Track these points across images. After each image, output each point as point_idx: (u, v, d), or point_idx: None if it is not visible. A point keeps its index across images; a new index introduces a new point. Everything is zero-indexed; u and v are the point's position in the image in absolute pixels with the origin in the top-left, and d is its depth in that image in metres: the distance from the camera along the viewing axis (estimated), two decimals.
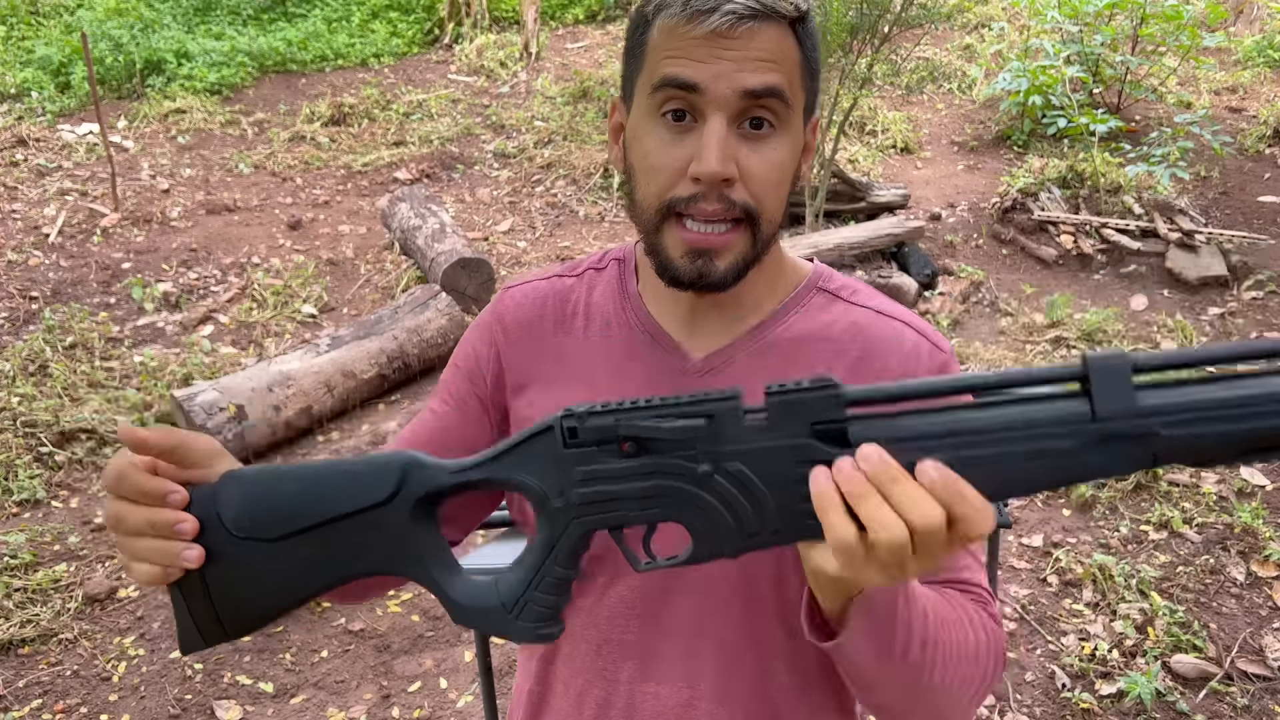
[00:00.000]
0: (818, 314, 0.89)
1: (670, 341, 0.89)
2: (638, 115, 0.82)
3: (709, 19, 0.75)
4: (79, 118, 7.12)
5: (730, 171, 0.77)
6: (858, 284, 0.93)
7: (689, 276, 0.81)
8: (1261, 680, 2.52)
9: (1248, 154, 6.21)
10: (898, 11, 4.98)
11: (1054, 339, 4.35)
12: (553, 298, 0.95)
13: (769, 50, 0.76)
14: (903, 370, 0.86)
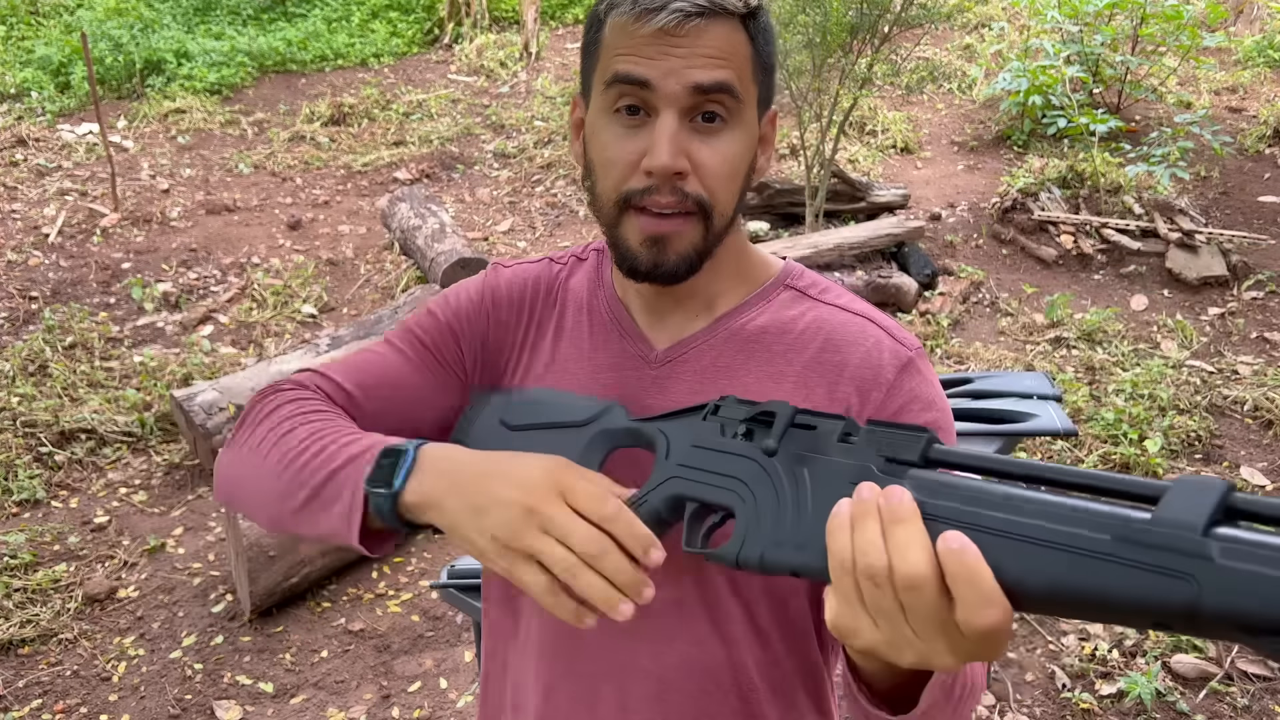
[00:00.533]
0: (782, 310, 0.90)
1: (635, 331, 0.92)
2: (594, 111, 0.84)
3: (656, 16, 0.77)
4: (79, 118, 7.12)
5: (681, 165, 0.79)
6: (829, 283, 0.94)
7: (645, 265, 0.82)
8: (1261, 680, 2.52)
9: (1248, 154, 6.21)
10: (898, 11, 4.97)
11: (1054, 339, 4.35)
12: (540, 282, 0.98)
13: (718, 47, 0.78)
14: (863, 365, 0.85)
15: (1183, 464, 3.42)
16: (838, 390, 0.85)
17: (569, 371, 0.92)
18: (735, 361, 0.88)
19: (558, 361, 0.93)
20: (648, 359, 0.90)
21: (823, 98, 5.11)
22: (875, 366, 0.85)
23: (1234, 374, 4.03)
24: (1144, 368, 3.99)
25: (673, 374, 0.89)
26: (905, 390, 0.85)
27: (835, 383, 0.85)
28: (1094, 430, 3.53)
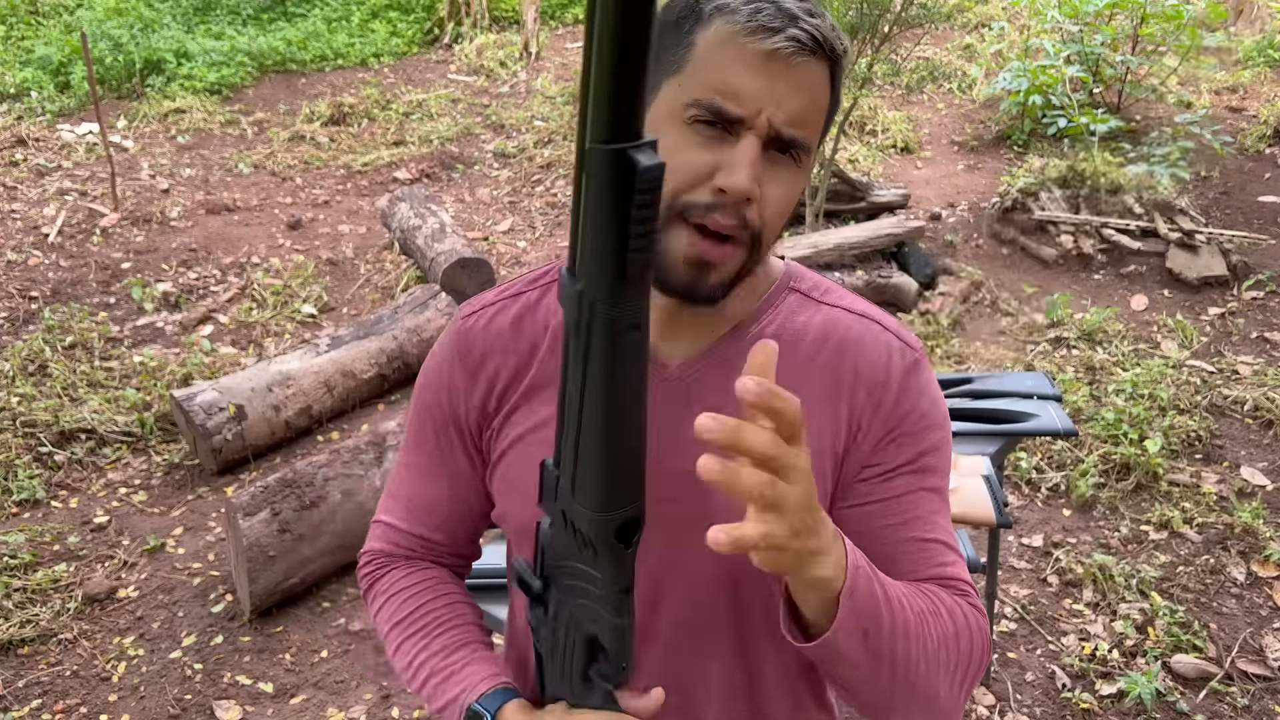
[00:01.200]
0: (791, 316, 0.90)
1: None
2: (663, 110, 0.79)
3: (773, 39, 0.74)
4: (78, 117, 7.12)
5: (756, 193, 0.77)
6: (828, 283, 0.94)
7: (681, 284, 0.80)
8: (1262, 680, 2.52)
9: (1248, 154, 6.21)
10: (898, 11, 4.97)
11: (1054, 339, 4.34)
12: (518, 316, 0.92)
13: (813, 85, 0.77)
14: (874, 368, 0.87)
15: (1183, 464, 3.42)
16: (854, 396, 0.86)
17: None
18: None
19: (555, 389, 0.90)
20: (663, 377, 0.87)
21: None
22: (885, 369, 0.87)
23: (1234, 374, 4.03)
24: (1144, 368, 3.99)
25: (690, 391, 0.87)
26: (914, 390, 0.88)
27: (852, 388, 0.87)
28: (1094, 430, 3.53)
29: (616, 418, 0.61)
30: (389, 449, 3.14)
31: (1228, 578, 2.89)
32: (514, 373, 0.91)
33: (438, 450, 0.97)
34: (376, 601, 1.01)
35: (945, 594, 0.85)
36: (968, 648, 0.82)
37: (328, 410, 3.80)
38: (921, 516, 0.87)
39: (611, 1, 0.49)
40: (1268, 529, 3.05)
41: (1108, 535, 3.09)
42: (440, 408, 0.95)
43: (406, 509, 1.01)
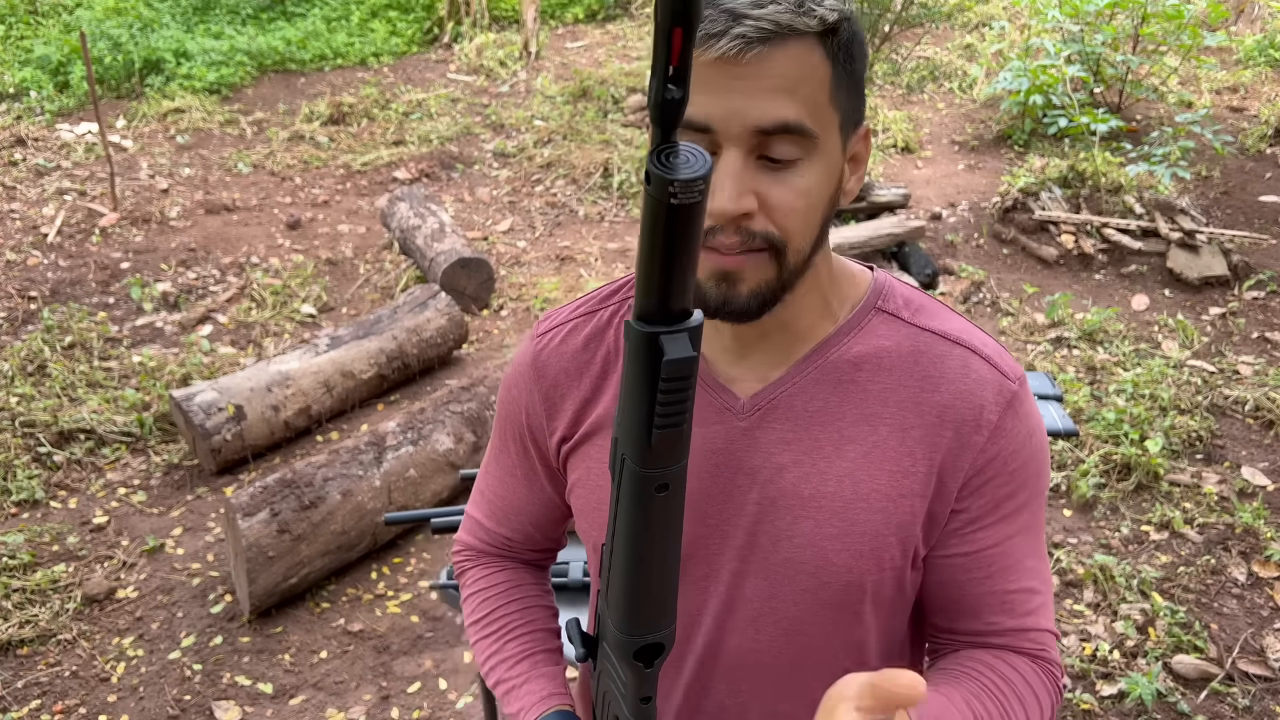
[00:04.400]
0: (874, 339, 0.83)
1: (714, 380, 0.85)
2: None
3: (717, 43, 0.69)
4: (78, 117, 7.11)
5: (746, 207, 0.72)
6: (922, 298, 0.87)
7: (715, 302, 0.76)
8: (1262, 681, 2.52)
9: (1249, 153, 6.21)
10: (898, 11, 4.96)
11: (1055, 339, 4.34)
12: (590, 338, 0.90)
13: (785, 76, 0.70)
14: (965, 407, 0.81)
15: (1184, 464, 3.41)
16: (937, 435, 0.81)
17: None
18: (830, 404, 0.82)
19: None
20: (734, 410, 0.83)
21: None
22: (977, 408, 0.81)
23: (1235, 374, 4.02)
24: (1145, 368, 3.98)
25: (763, 423, 0.83)
26: (1008, 432, 0.82)
27: (935, 426, 0.81)
28: (1095, 430, 3.52)
29: (640, 559, 0.63)
30: (388, 449, 3.14)
31: (1229, 578, 2.89)
32: (588, 396, 0.90)
33: (517, 460, 0.99)
34: (464, 594, 1.08)
35: (1016, 670, 0.84)
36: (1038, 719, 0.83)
37: (327, 410, 3.79)
38: (1010, 567, 0.84)
39: (655, 199, 0.50)
40: (1269, 529, 3.05)
41: (1108, 535, 3.09)
42: (517, 422, 0.96)
43: (489, 508, 1.05)
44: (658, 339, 0.54)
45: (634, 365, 0.56)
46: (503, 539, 1.06)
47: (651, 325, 0.55)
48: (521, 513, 1.02)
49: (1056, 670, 0.86)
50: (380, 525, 3.05)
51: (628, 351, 0.56)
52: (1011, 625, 0.85)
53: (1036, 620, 0.86)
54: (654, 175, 0.50)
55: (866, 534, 0.82)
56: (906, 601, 0.89)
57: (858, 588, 0.83)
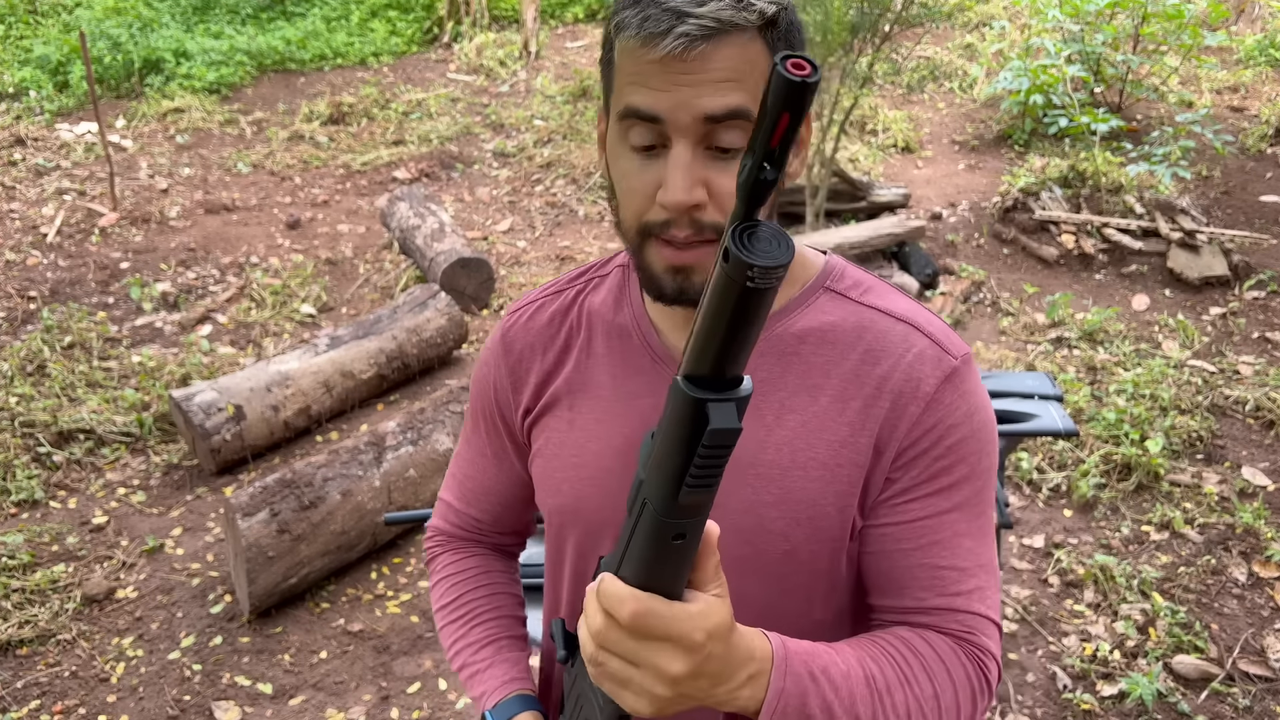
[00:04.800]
0: (821, 315, 0.86)
1: (668, 354, 0.89)
2: (613, 134, 0.81)
3: (662, 42, 0.72)
4: (77, 117, 7.11)
5: (697, 198, 0.75)
6: (872, 281, 0.89)
7: (671, 291, 0.80)
8: (1263, 681, 2.51)
9: (1249, 153, 6.20)
10: (899, 10, 4.96)
11: (1055, 339, 4.34)
12: (556, 313, 0.95)
13: (731, 68, 0.73)
14: (904, 379, 0.82)
15: (1184, 464, 3.41)
16: (875, 405, 0.83)
17: (601, 398, 0.91)
18: (773, 374, 0.85)
19: (589, 387, 0.92)
20: None
21: (823, 97, 5.10)
22: (915, 380, 0.82)
23: (1235, 374, 4.02)
24: (1145, 368, 3.98)
25: None
26: (945, 403, 0.83)
27: (874, 397, 0.83)
28: (1095, 430, 3.52)
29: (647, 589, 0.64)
30: (388, 449, 3.13)
31: (1229, 578, 2.89)
32: (550, 369, 0.94)
33: (486, 440, 1.03)
34: (433, 579, 1.10)
35: (930, 645, 0.82)
36: (951, 702, 0.80)
37: (327, 410, 3.79)
38: (941, 541, 0.83)
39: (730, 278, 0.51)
40: (1269, 529, 3.04)
41: (1109, 536, 3.09)
42: (486, 401, 1.00)
43: (460, 489, 1.09)
44: (704, 406, 0.54)
45: (677, 427, 0.56)
46: (473, 520, 1.09)
47: (700, 390, 0.54)
48: (491, 493, 1.06)
49: (987, 659, 0.83)
50: (380, 525, 3.04)
51: (671, 410, 0.56)
52: (938, 604, 0.83)
53: (968, 602, 0.83)
54: (733, 256, 0.50)
55: (804, 501, 0.83)
56: (845, 577, 0.88)
57: (794, 557, 0.84)
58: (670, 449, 0.57)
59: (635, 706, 0.66)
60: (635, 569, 0.63)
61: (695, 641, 0.63)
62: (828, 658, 0.75)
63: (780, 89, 0.47)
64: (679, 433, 0.55)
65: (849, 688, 0.74)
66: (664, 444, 0.57)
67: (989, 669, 0.83)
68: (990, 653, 0.83)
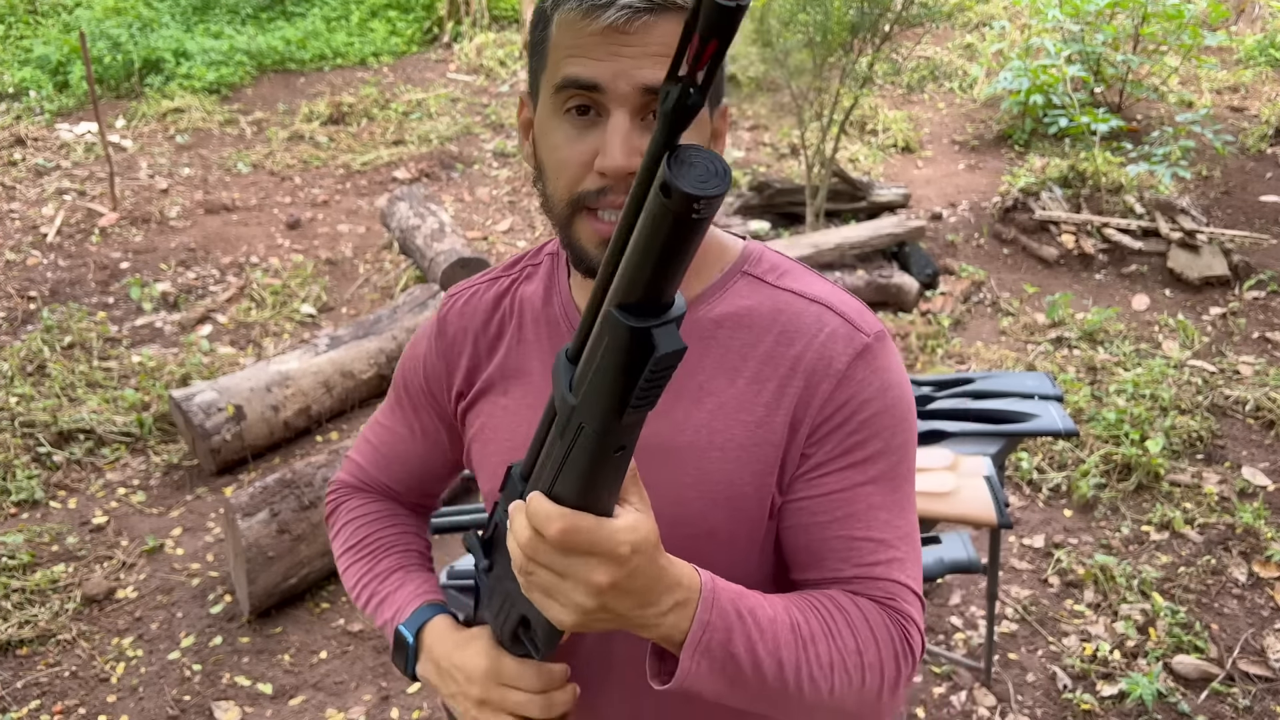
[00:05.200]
0: (738, 300, 0.88)
1: None
2: (544, 112, 0.82)
3: (605, 13, 0.75)
4: (77, 117, 7.11)
5: (635, 165, 0.76)
6: (789, 265, 0.91)
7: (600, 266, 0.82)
8: (1263, 681, 2.51)
9: (1249, 153, 6.20)
10: (899, 10, 4.96)
11: (1055, 339, 4.34)
12: (491, 301, 0.98)
13: (668, 44, 0.76)
14: (817, 357, 0.84)
15: (1184, 464, 3.41)
16: (790, 385, 0.84)
17: (532, 384, 0.93)
18: (691, 359, 0.87)
19: (521, 373, 0.94)
20: None
21: (823, 97, 5.10)
22: (828, 358, 0.84)
23: (1236, 374, 4.02)
24: (1145, 368, 3.98)
25: None
26: (857, 379, 0.84)
27: (788, 377, 0.84)
28: (1095, 430, 3.52)
29: (585, 506, 0.65)
30: None
31: (1229, 578, 2.88)
32: (483, 354, 0.97)
33: (414, 417, 1.05)
34: (335, 526, 1.10)
35: (855, 604, 0.82)
36: (875, 660, 0.80)
37: (327, 410, 3.79)
38: (856, 514, 0.84)
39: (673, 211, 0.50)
40: (1269, 529, 3.04)
41: (1109, 536, 3.09)
42: (416, 378, 1.02)
43: (374, 454, 1.10)
44: (649, 333, 0.54)
45: (616, 355, 0.56)
46: (383, 485, 1.10)
47: (639, 319, 0.54)
48: (408, 462, 1.07)
49: (909, 625, 0.83)
50: None
51: (610, 342, 0.56)
52: (855, 573, 0.84)
53: (887, 570, 0.84)
54: (675, 190, 0.49)
55: (721, 482, 0.84)
56: (766, 556, 0.89)
57: (714, 538, 0.86)
58: (610, 376, 0.57)
59: (560, 617, 0.68)
60: (574, 487, 0.64)
61: (621, 554, 0.65)
62: (755, 600, 0.76)
63: (711, 12, 0.46)
64: (619, 360, 0.56)
65: (774, 631, 0.75)
66: (603, 373, 0.57)
67: (911, 635, 0.83)
68: (912, 619, 0.84)
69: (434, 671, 0.91)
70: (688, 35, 0.47)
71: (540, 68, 0.82)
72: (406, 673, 0.94)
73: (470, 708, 0.86)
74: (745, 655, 0.73)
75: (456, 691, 0.87)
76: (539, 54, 0.82)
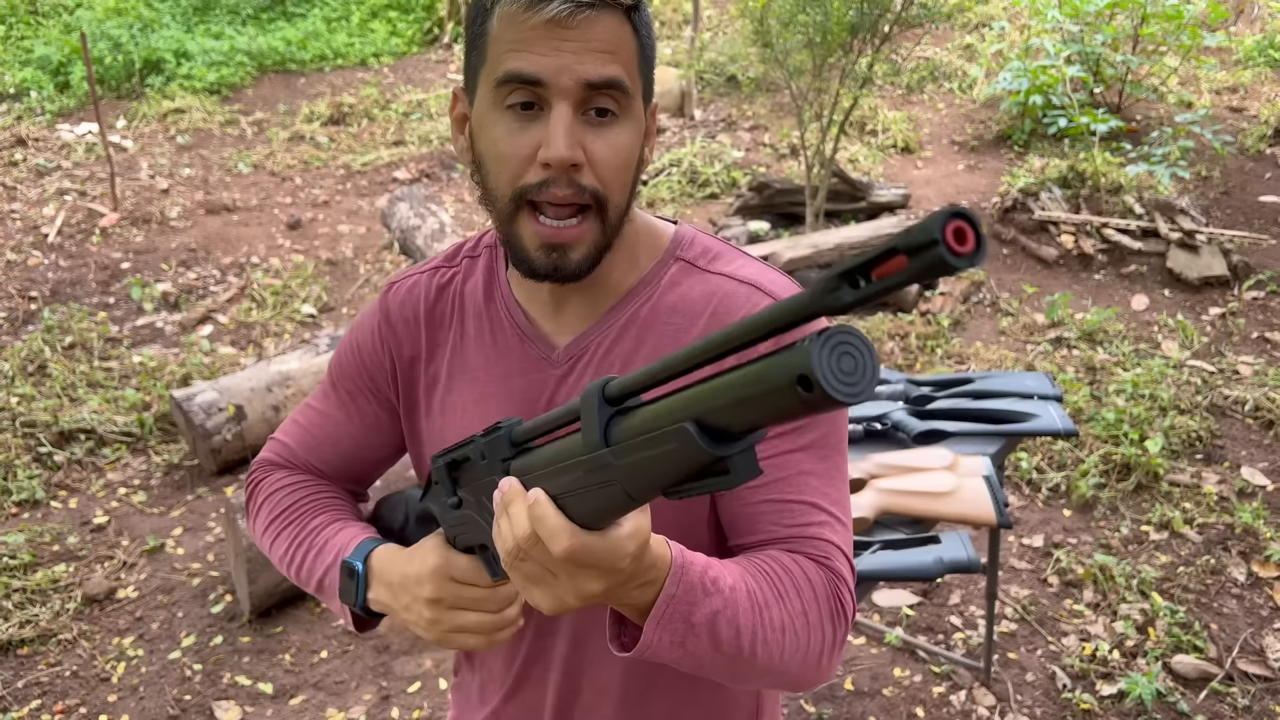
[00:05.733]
0: (672, 287, 0.90)
1: (536, 332, 0.93)
2: (483, 106, 0.82)
3: (547, 7, 0.76)
4: (78, 117, 7.12)
5: (578, 156, 0.78)
6: (721, 247, 0.92)
7: (544, 269, 0.83)
8: (1262, 681, 2.52)
9: (1248, 154, 6.21)
10: (898, 11, 4.97)
11: (1055, 339, 4.34)
12: (431, 293, 0.98)
13: (607, 40, 0.78)
14: None
15: (1184, 464, 3.41)
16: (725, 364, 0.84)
17: (478, 380, 0.94)
18: (630, 347, 0.89)
19: (467, 370, 0.95)
20: (550, 360, 0.91)
21: (823, 97, 5.10)
22: None
23: (1235, 374, 4.02)
24: (1145, 368, 3.99)
25: (574, 370, 0.91)
26: None
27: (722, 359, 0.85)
28: (1095, 430, 3.52)
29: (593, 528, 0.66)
30: None
31: (1228, 578, 2.89)
32: (426, 345, 0.97)
33: (349, 401, 1.03)
34: (256, 502, 1.05)
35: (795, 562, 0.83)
36: (817, 620, 0.82)
37: None
38: (786, 479, 0.85)
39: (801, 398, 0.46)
40: (1268, 529, 3.05)
41: (1108, 535, 3.09)
42: (355, 364, 1.01)
43: (303, 435, 1.05)
44: (726, 460, 0.53)
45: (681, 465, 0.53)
46: (311, 467, 1.06)
47: (721, 446, 0.52)
48: (339, 444, 1.04)
49: (843, 586, 0.84)
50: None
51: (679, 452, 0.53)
52: (789, 533, 0.85)
53: (819, 530, 0.85)
54: (818, 389, 0.44)
55: None
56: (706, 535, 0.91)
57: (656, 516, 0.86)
58: (665, 471, 0.55)
59: (540, 604, 0.68)
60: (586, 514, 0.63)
61: (620, 567, 0.65)
62: (719, 570, 0.77)
63: (931, 258, 0.40)
64: (681, 468, 0.54)
65: (734, 599, 0.76)
66: (659, 464, 0.55)
67: (844, 596, 0.85)
68: (844, 580, 0.85)
69: (386, 592, 0.87)
70: (891, 253, 0.42)
71: (479, 62, 0.83)
72: (356, 605, 0.89)
73: (424, 611, 0.83)
74: (705, 626, 0.74)
75: (409, 601, 0.84)
76: (477, 48, 0.83)
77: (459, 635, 0.83)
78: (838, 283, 0.44)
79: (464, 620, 0.82)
